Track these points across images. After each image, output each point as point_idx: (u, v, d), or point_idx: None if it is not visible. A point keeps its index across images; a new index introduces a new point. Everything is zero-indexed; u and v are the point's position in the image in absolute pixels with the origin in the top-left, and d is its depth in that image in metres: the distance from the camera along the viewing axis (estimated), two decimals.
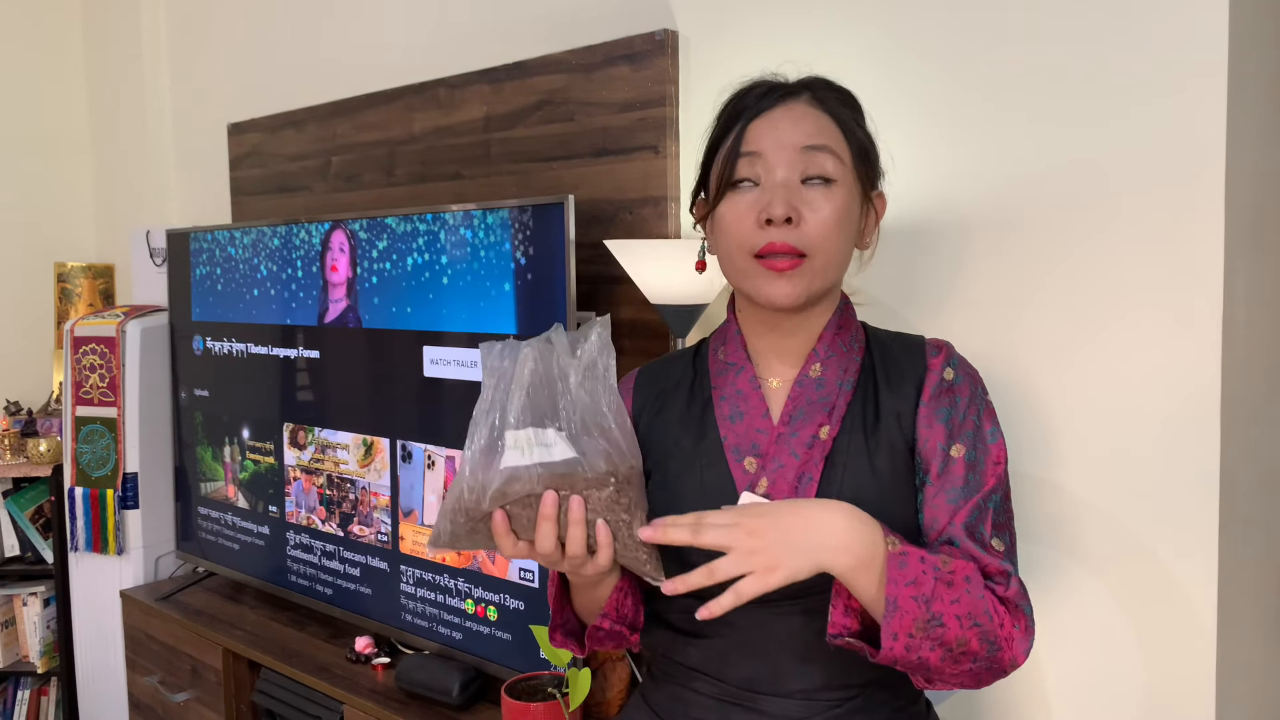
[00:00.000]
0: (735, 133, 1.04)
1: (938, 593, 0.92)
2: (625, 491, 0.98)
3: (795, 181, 1.01)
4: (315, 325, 2.22)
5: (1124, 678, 1.34)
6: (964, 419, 1.04)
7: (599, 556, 0.98)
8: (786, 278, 1.01)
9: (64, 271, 3.31)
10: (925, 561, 0.92)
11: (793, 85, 1.07)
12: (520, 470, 0.94)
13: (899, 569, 0.91)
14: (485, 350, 1.01)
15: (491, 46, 2.11)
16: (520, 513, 0.96)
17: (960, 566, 0.94)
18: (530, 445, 0.96)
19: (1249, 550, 1.38)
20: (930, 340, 1.11)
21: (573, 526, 0.96)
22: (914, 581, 0.91)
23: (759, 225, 1.01)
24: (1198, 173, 1.24)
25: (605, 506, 0.97)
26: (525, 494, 0.95)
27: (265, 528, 2.40)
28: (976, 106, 1.42)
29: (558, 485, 0.95)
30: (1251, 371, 1.35)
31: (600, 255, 1.72)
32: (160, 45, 3.15)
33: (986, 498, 1.02)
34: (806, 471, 1.03)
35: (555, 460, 0.95)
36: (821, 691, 1.03)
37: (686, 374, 1.15)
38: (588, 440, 0.97)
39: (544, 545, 0.96)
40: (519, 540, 0.98)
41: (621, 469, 0.97)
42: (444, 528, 0.99)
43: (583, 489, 0.96)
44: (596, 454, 0.96)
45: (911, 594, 0.90)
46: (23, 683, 2.98)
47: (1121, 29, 1.29)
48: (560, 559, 0.98)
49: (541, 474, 0.94)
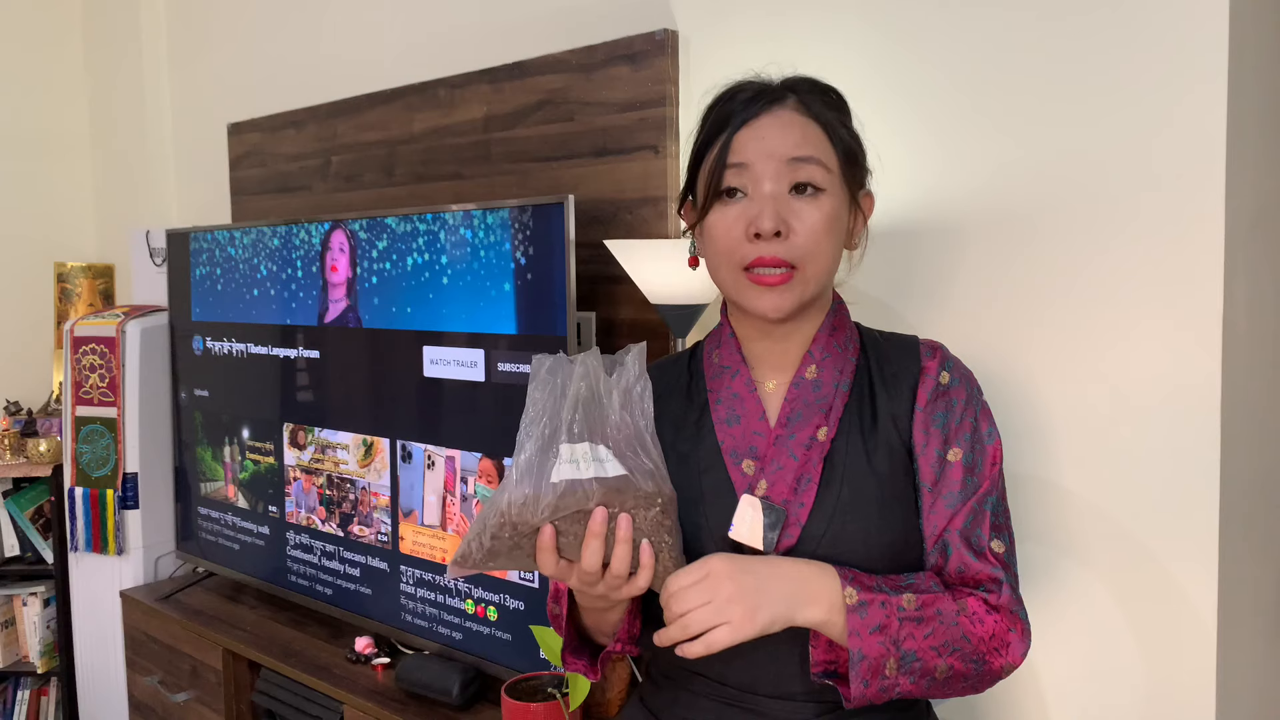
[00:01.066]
0: (721, 142, 1.03)
1: (906, 631, 0.95)
2: (669, 513, 0.97)
3: (783, 192, 1.01)
4: (315, 325, 2.22)
5: (1124, 677, 1.34)
6: (960, 422, 1.05)
7: (639, 578, 0.97)
8: (776, 291, 1.01)
9: (64, 271, 3.31)
10: (888, 605, 0.95)
11: (777, 89, 1.05)
12: (577, 484, 0.93)
13: (860, 619, 0.94)
14: (537, 362, 1.01)
15: (491, 46, 2.11)
16: (568, 529, 0.95)
17: (929, 599, 0.97)
18: (586, 459, 0.95)
19: (1249, 550, 1.38)
20: (923, 341, 1.11)
21: (620, 545, 0.95)
22: (879, 627, 0.94)
23: (748, 238, 1.01)
24: (1198, 172, 1.24)
25: (651, 527, 0.96)
26: (578, 508, 0.94)
27: (265, 528, 2.40)
28: (976, 105, 1.42)
29: (610, 501, 0.94)
30: (1251, 371, 1.35)
31: (600, 255, 1.72)
32: (160, 45, 3.15)
33: (983, 500, 1.02)
34: (806, 473, 1.03)
35: (609, 475, 0.94)
36: (820, 692, 1.03)
37: (682, 377, 1.15)
38: (633, 459, 0.96)
39: (590, 563, 0.95)
40: (560, 559, 0.97)
41: (665, 490, 0.97)
42: (478, 545, 0.97)
43: (631, 507, 0.95)
44: (644, 474, 0.96)
45: (878, 640, 0.94)
46: (23, 683, 2.97)
47: (1121, 28, 1.29)
48: (599, 578, 0.97)
49: (597, 488, 0.94)
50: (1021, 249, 1.39)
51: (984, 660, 0.99)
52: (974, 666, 0.98)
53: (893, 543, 1.01)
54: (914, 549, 1.03)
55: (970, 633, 0.98)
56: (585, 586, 0.98)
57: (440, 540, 1.94)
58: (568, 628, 1.11)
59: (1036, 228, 1.38)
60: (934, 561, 1.03)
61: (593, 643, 1.15)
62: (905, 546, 1.02)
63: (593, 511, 0.94)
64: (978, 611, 0.99)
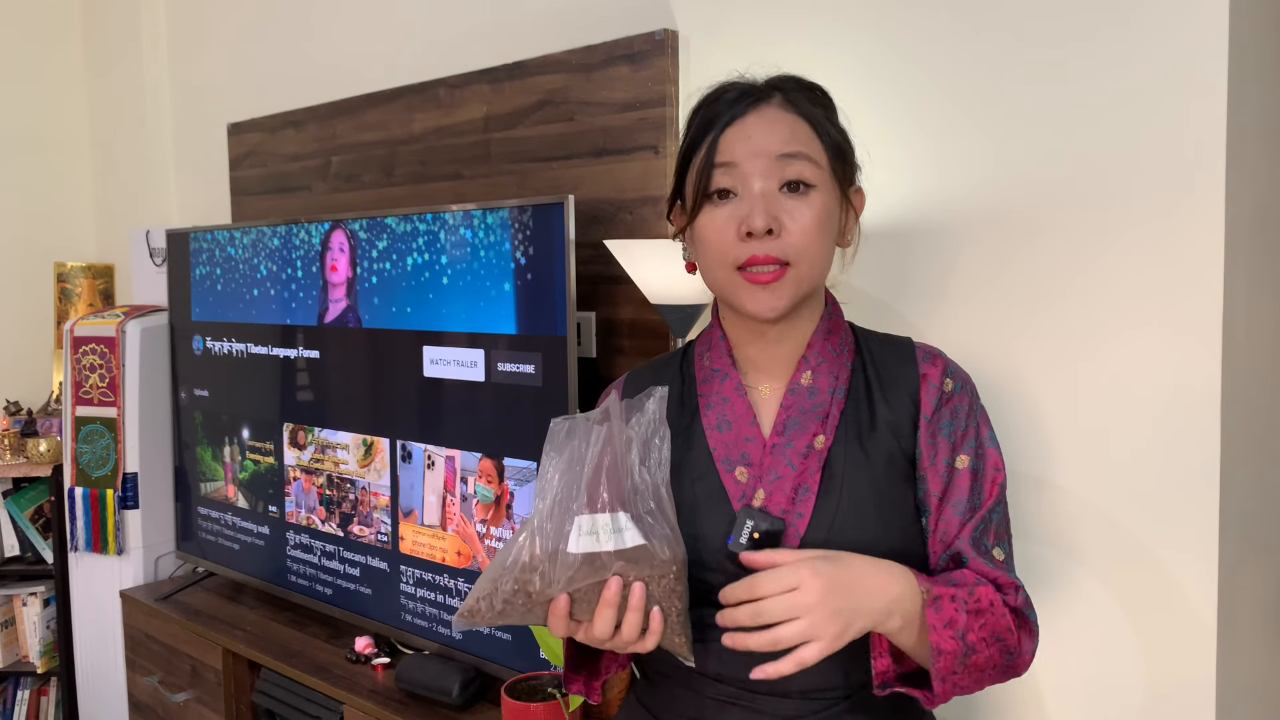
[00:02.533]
0: (708, 143, 1.02)
1: (970, 624, 0.96)
2: (681, 579, 0.97)
3: (773, 190, 1.00)
4: (315, 325, 2.22)
5: (1124, 678, 1.34)
6: (966, 429, 1.05)
7: (646, 640, 0.97)
8: (770, 290, 1.01)
9: (64, 271, 3.31)
10: (955, 599, 0.95)
11: (762, 88, 1.05)
12: (595, 556, 0.93)
13: (936, 614, 0.94)
14: (555, 426, 0.99)
15: (491, 46, 2.11)
16: (583, 595, 0.95)
17: (983, 592, 0.97)
18: (606, 530, 0.94)
19: (1249, 550, 1.38)
20: (919, 345, 1.10)
21: (631, 613, 0.94)
22: (950, 622, 0.95)
23: (740, 238, 1.00)
24: (1198, 172, 1.24)
25: (663, 594, 0.96)
26: (595, 579, 0.94)
27: (265, 528, 2.40)
28: (974, 106, 1.42)
29: (626, 572, 0.94)
30: (1251, 371, 1.35)
31: (600, 255, 1.72)
32: (160, 45, 3.15)
33: (991, 510, 1.03)
34: (804, 483, 1.02)
35: (627, 547, 0.94)
36: (819, 691, 1.03)
37: (674, 381, 1.14)
38: (652, 524, 0.96)
39: (602, 631, 0.95)
40: (571, 620, 0.96)
41: (679, 555, 0.96)
42: (488, 605, 0.97)
43: (646, 575, 0.95)
44: (661, 540, 0.95)
45: (950, 634, 0.94)
46: (22, 683, 2.97)
47: (1120, 27, 1.29)
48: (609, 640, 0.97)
49: (615, 561, 0.94)
50: (1020, 249, 1.39)
51: (1015, 654, 1.00)
52: (1006, 659, 0.99)
53: (891, 551, 1.01)
54: (913, 558, 1.03)
55: (1011, 624, 0.99)
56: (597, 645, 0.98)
57: (440, 540, 1.94)
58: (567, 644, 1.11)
59: (1035, 228, 1.37)
60: (944, 569, 1.03)
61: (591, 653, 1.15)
62: (904, 555, 1.01)
63: (608, 582, 0.94)
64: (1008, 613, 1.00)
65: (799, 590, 0.91)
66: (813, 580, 0.91)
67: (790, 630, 0.90)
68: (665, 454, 0.98)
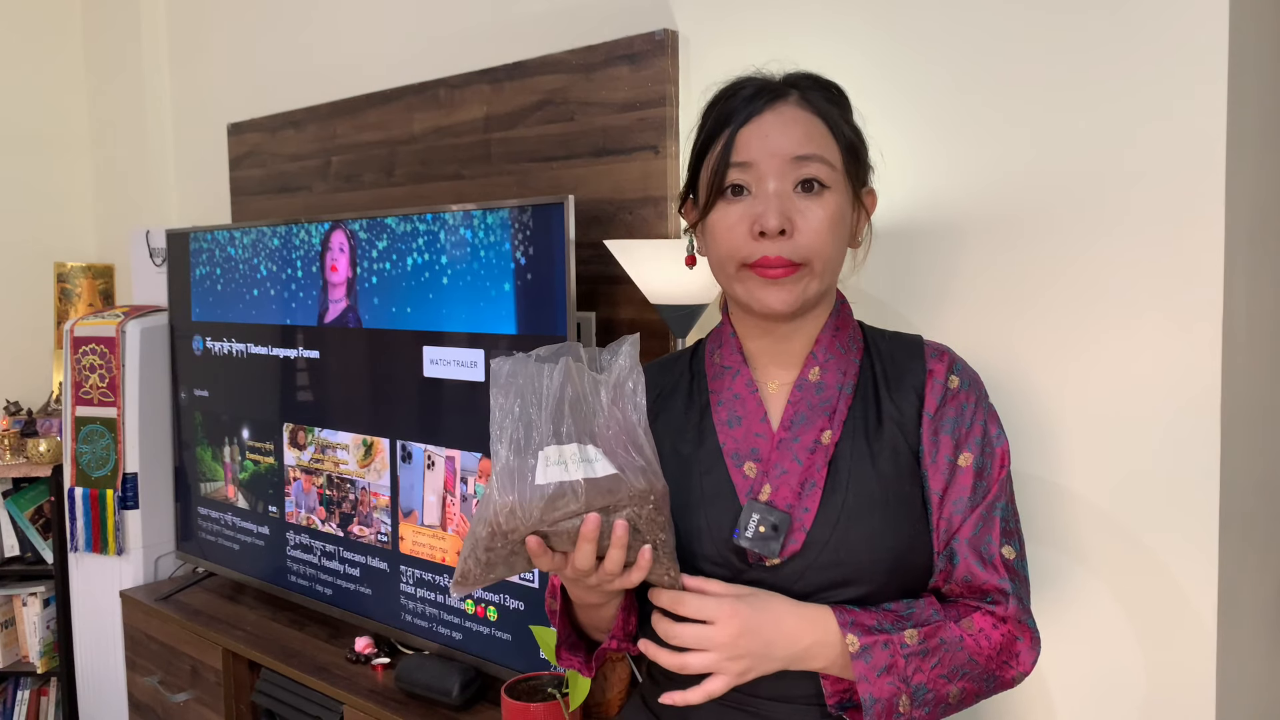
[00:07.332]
0: (724, 140, 1.02)
1: (914, 666, 0.96)
2: (662, 509, 0.96)
3: (787, 190, 1.00)
4: (315, 325, 2.22)
5: (1124, 677, 1.34)
6: (971, 426, 1.04)
7: (633, 574, 0.96)
8: (781, 285, 1.01)
9: (64, 271, 3.31)
10: (891, 645, 0.96)
11: (779, 85, 1.04)
12: (565, 485, 0.91)
13: (866, 664, 0.95)
14: (496, 366, 0.97)
15: (491, 46, 2.11)
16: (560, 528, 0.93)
17: (930, 630, 0.98)
18: (575, 460, 0.92)
19: (1249, 550, 1.38)
20: (928, 343, 1.10)
21: (614, 549, 0.93)
22: (886, 668, 0.95)
23: (752, 237, 1.00)
24: (1199, 171, 1.24)
25: (646, 525, 0.95)
26: (569, 509, 0.91)
27: (265, 528, 2.40)
28: (978, 104, 1.42)
29: (601, 501, 0.92)
30: (1252, 371, 1.35)
31: (600, 255, 1.72)
32: (160, 45, 3.15)
33: (992, 506, 1.02)
34: (810, 478, 1.02)
35: (599, 476, 0.93)
36: (821, 696, 1.02)
37: (684, 377, 1.14)
38: (625, 457, 0.94)
39: (583, 563, 0.94)
40: (555, 553, 0.96)
41: (658, 487, 0.95)
42: (475, 561, 0.95)
43: (624, 506, 0.93)
44: (635, 471, 0.94)
45: (887, 680, 0.95)
46: (22, 683, 2.97)
47: (1123, 26, 1.29)
48: (593, 573, 0.96)
49: (585, 488, 0.92)
50: (1024, 249, 1.39)
51: (994, 675, 1.01)
52: (985, 684, 1.00)
53: (896, 547, 1.01)
54: (919, 553, 1.03)
55: (977, 653, 0.99)
56: (580, 580, 0.98)
57: (440, 540, 1.94)
58: (562, 621, 1.11)
59: (1038, 227, 1.37)
60: (941, 568, 1.03)
61: (589, 639, 1.15)
62: (910, 551, 1.02)
63: (586, 518, 0.92)
64: (984, 628, 0.99)
65: (714, 626, 0.96)
66: (729, 620, 0.96)
67: (697, 660, 0.96)
68: (640, 399, 0.96)
